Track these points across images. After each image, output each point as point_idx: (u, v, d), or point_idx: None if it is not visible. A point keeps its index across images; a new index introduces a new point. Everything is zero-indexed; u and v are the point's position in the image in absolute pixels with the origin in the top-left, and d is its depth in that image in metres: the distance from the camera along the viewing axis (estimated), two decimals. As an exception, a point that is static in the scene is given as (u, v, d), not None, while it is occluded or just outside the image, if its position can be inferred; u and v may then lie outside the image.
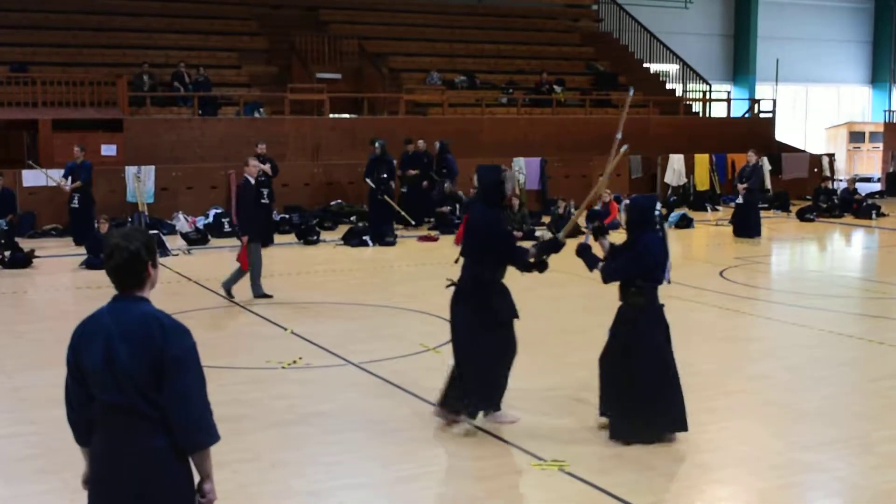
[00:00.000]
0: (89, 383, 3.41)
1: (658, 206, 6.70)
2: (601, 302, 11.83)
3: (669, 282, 6.88)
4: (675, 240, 18.20)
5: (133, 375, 3.32)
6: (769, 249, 17.16)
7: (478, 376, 6.68)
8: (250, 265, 11.43)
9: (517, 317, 6.82)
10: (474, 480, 5.86)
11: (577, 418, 6.98)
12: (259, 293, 11.52)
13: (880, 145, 31.32)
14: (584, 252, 6.73)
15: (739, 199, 18.18)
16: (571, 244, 6.86)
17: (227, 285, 11.52)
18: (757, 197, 18.38)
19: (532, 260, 6.78)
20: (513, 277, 6.99)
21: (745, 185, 17.94)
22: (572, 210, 19.05)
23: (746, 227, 17.86)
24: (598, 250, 6.87)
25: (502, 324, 6.75)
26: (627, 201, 6.86)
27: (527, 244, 7.12)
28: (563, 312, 11.08)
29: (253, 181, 11.74)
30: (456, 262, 7.08)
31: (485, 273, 6.71)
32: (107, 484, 3.40)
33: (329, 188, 20.13)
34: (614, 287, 6.85)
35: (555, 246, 6.76)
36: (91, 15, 22.61)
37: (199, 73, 21.11)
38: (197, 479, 3.49)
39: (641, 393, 6.40)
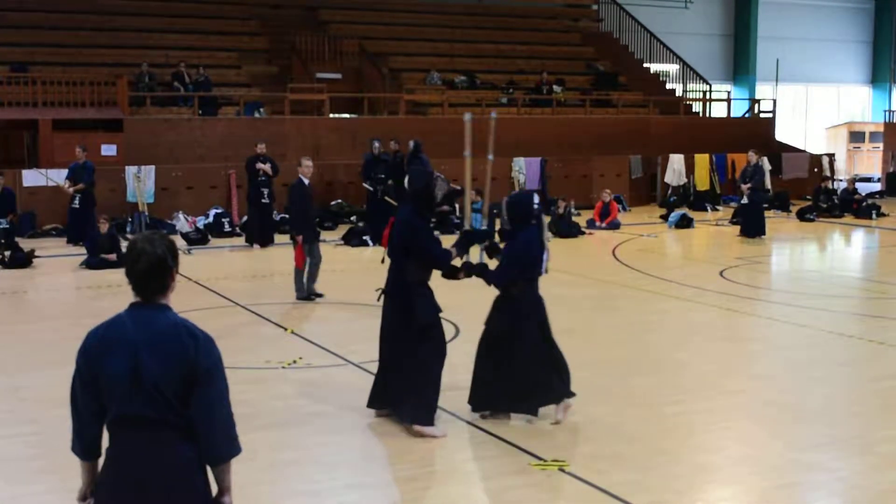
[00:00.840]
0: (105, 394, 3.26)
1: (536, 200, 6.93)
2: (603, 302, 11.88)
3: (546, 272, 6.95)
4: (676, 240, 18.22)
5: (162, 387, 3.21)
6: (769, 249, 17.15)
7: (412, 382, 6.60)
8: (309, 264, 11.41)
9: (438, 317, 6.79)
10: (474, 480, 5.86)
11: (578, 418, 6.98)
12: (311, 293, 11.47)
13: (880, 145, 31.32)
14: (472, 268, 6.81)
15: (744, 200, 18.17)
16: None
17: (302, 293, 11.46)
18: (761, 196, 18.38)
19: (458, 262, 6.75)
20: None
21: (748, 185, 17.93)
22: (572, 210, 19.08)
23: (755, 226, 17.84)
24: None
25: (429, 325, 6.68)
26: (506, 199, 6.92)
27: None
28: (564, 312, 11.05)
29: (307, 181, 11.55)
30: (382, 262, 7.10)
31: (408, 274, 6.66)
32: (131, 499, 3.25)
33: (329, 188, 20.13)
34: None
35: (469, 238, 6.80)
36: (91, 15, 22.61)
37: (199, 73, 21.11)
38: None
39: (523, 377, 6.65)
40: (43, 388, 7.61)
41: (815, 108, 37.52)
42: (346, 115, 23.16)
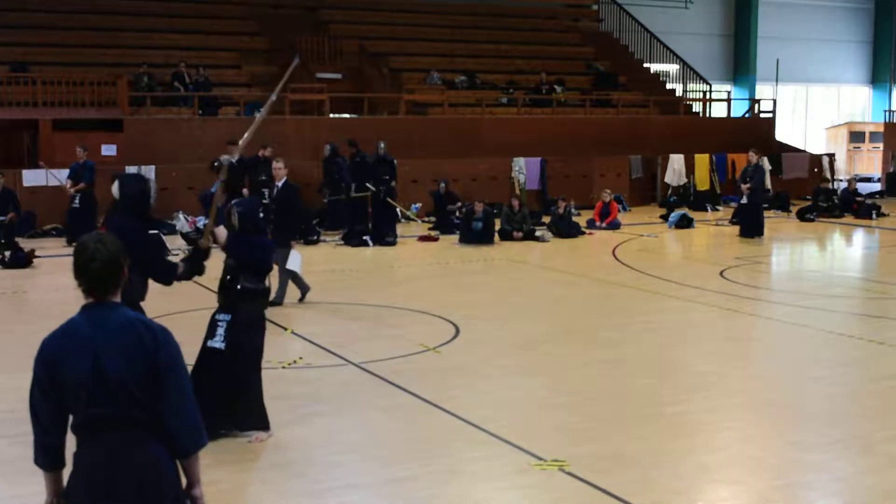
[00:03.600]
0: (69, 399, 3.25)
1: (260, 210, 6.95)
2: (603, 302, 11.87)
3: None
4: (675, 240, 18.22)
5: (128, 385, 3.21)
6: (769, 249, 17.15)
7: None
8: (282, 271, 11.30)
9: None
10: (474, 480, 5.86)
11: (578, 418, 6.98)
12: (281, 300, 11.28)
13: (880, 145, 31.34)
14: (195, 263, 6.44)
15: (744, 200, 18.18)
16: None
17: (304, 289, 11.33)
18: (761, 197, 18.39)
19: (183, 272, 6.24)
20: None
21: (748, 185, 17.93)
22: (572, 210, 19.09)
23: (751, 226, 17.85)
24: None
25: None
26: (235, 204, 6.86)
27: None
28: (566, 313, 11.08)
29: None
30: None
31: (127, 292, 6.26)
32: (105, 501, 3.24)
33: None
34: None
35: (201, 254, 6.30)
36: (91, 15, 22.62)
37: (199, 73, 21.10)
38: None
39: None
40: (43, 388, 7.60)
41: (815, 108, 37.52)
42: (346, 115, 23.16)
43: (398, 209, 18.59)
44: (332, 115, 21.87)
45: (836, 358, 9.03)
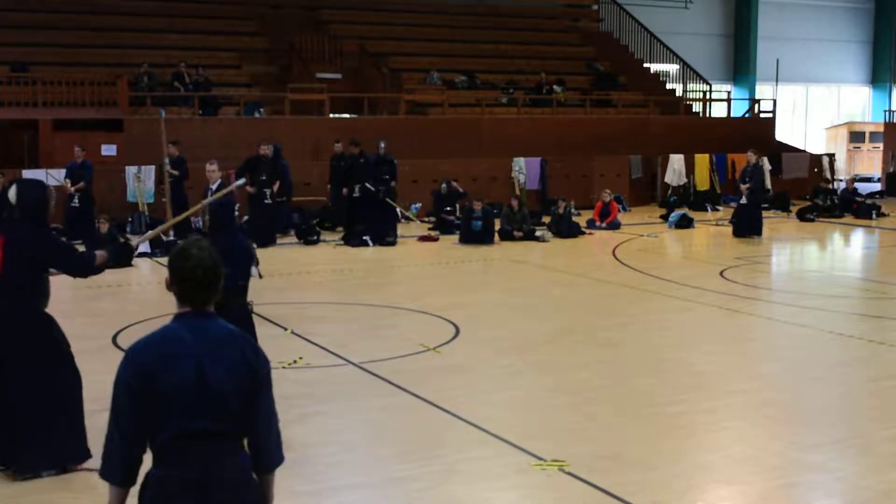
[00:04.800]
0: (167, 409, 3.09)
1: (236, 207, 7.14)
2: (603, 302, 11.87)
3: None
4: (676, 240, 18.23)
5: (229, 398, 3.13)
6: (769, 249, 17.15)
7: (29, 425, 5.74)
8: None
9: (66, 347, 5.96)
10: (474, 480, 5.86)
11: (578, 418, 6.98)
12: None
13: (880, 145, 31.32)
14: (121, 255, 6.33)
15: (743, 200, 18.18)
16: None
17: None
18: (760, 197, 18.39)
19: (103, 263, 5.98)
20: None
21: (747, 185, 17.94)
22: (572, 210, 19.09)
23: (748, 226, 17.86)
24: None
25: (59, 356, 5.87)
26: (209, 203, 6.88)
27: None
28: (567, 313, 11.08)
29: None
30: None
31: (31, 300, 5.79)
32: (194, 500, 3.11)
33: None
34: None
35: (126, 251, 6.23)
36: (91, 15, 22.61)
37: (198, 73, 21.10)
38: None
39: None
40: (43, 388, 7.60)
41: (815, 108, 37.52)
42: (346, 115, 23.16)
43: (398, 209, 18.57)
44: (332, 115, 21.86)
45: (836, 358, 9.03)
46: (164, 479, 3.11)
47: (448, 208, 19.00)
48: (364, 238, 16.62)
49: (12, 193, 5.85)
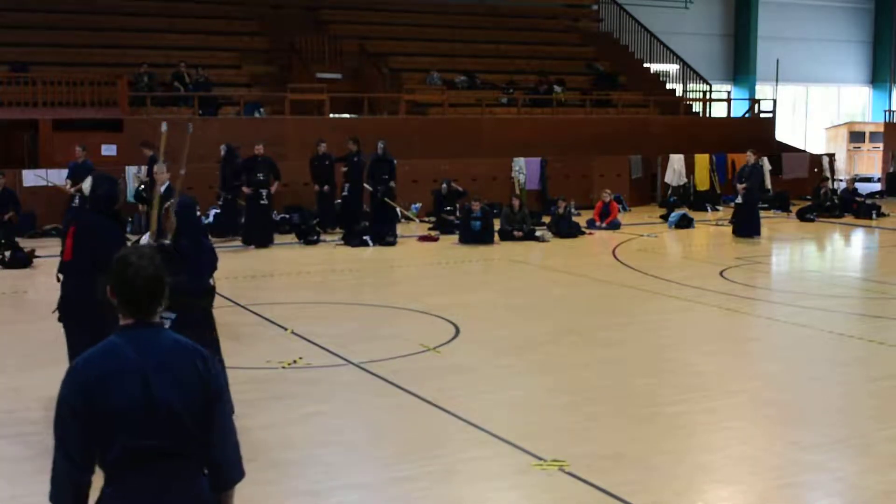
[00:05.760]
0: (108, 430, 2.88)
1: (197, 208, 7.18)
2: (604, 302, 11.87)
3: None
4: (676, 240, 18.23)
5: (182, 415, 2.92)
6: (769, 249, 17.16)
7: None
8: None
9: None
10: (474, 480, 5.86)
11: (578, 418, 6.98)
12: None
13: (880, 145, 31.33)
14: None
15: (739, 199, 18.20)
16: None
17: None
18: (756, 197, 18.40)
19: None
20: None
21: (744, 185, 17.95)
22: (572, 210, 19.09)
23: (747, 226, 17.88)
24: None
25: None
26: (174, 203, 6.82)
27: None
28: (567, 313, 11.08)
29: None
30: (58, 279, 6.77)
31: (97, 291, 6.27)
32: None
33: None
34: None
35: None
36: (91, 15, 22.61)
37: (198, 73, 21.10)
38: None
39: None
40: (43, 388, 7.59)
41: (815, 108, 37.52)
42: (346, 115, 23.15)
43: (398, 209, 18.57)
44: (332, 115, 21.86)
45: (836, 358, 9.03)
46: (112, 497, 2.94)
47: (448, 208, 19.00)
48: (364, 238, 16.63)
49: (86, 186, 6.67)
